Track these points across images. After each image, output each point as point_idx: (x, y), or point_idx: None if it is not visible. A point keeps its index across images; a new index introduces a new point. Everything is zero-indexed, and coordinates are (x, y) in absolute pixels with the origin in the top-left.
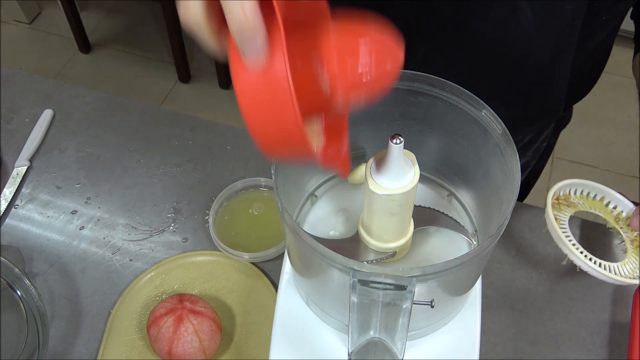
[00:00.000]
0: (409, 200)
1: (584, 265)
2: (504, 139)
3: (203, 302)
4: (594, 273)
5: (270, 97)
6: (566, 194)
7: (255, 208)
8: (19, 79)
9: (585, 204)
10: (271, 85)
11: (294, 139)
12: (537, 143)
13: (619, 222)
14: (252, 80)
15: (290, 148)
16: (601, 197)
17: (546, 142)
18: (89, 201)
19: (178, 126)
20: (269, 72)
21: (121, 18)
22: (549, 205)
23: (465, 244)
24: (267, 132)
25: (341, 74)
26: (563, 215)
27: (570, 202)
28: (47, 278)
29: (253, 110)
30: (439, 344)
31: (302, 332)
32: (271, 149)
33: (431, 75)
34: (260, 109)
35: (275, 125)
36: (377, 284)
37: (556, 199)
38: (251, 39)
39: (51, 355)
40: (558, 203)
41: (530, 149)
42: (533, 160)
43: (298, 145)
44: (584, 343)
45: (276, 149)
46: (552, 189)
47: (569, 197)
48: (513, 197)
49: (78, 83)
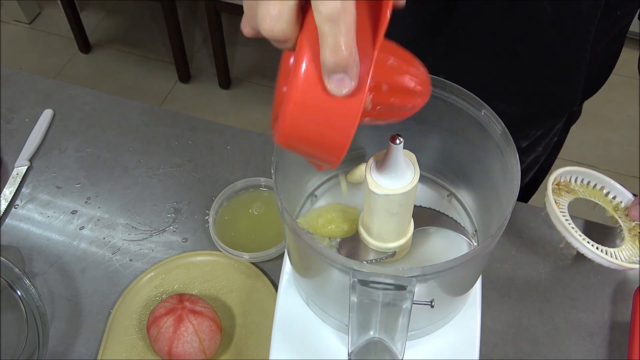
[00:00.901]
0: (409, 200)
1: (582, 248)
2: (503, 139)
3: (203, 302)
4: (591, 256)
5: (332, 113)
6: (567, 180)
7: (255, 208)
8: (19, 79)
9: (585, 192)
10: (342, 107)
11: (333, 149)
12: (547, 138)
13: (617, 211)
14: (319, 96)
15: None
16: (601, 187)
17: (556, 137)
18: (89, 201)
19: (178, 126)
20: (345, 97)
21: (121, 18)
22: (549, 188)
23: (465, 244)
24: (307, 137)
25: (383, 92)
26: (563, 200)
27: (570, 189)
28: (47, 278)
29: (304, 117)
30: (439, 344)
31: (302, 332)
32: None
33: (431, 75)
34: (314, 119)
35: (321, 134)
36: (377, 284)
37: (556, 185)
38: (345, 70)
39: (51, 355)
40: (558, 188)
41: (541, 143)
42: (542, 156)
43: (332, 154)
44: (584, 343)
45: (302, 149)
46: (553, 174)
47: (569, 184)
48: (513, 197)
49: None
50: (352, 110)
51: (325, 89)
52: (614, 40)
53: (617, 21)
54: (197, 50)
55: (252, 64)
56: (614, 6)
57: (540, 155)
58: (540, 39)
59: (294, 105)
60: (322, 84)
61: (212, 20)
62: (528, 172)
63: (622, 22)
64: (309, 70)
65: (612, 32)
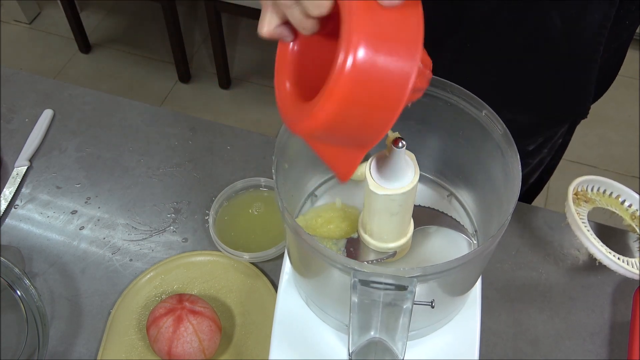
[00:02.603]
0: (409, 200)
1: (605, 259)
2: (504, 140)
3: (202, 302)
4: (614, 267)
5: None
6: (584, 189)
7: (255, 208)
8: (19, 79)
9: (602, 200)
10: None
11: (381, 122)
12: (553, 140)
13: (634, 219)
14: (373, 63)
15: (369, 127)
16: (617, 195)
17: (561, 139)
18: (89, 201)
19: (178, 126)
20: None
21: (121, 18)
22: (569, 198)
23: (466, 243)
24: (359, 107)
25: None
26: (582, 210)
27: (588, 198)
28: (47, 278)
29: (360, 85)
30: (439, 344)
31: (302, 332)
32: (340, 124)
33: (432, 76)
34: (368, 86)
35: (373, 105)
36: (377, 284)
37: (574, 194)
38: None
39: (51, 355)
40: (577, 198)
41: (546, 146)
42: (548, 157)
43: (380, 127)
44: (584, 343)
45: (348, 125)
46: (572, 184)
47: (586, 193)
48: (514, 197)
49: (78, 83)
50: (404, 78)
51: (378, 58)
52: (620, 46)
53: (625, 28)
54: (197, 50)
55: (252, 64)
56: (622, 15)
57: (545, 157)
58: (549, 52)
59: (349, 74)
60: (376, 48)
61: (212, 20)
62: (533, 173)
63: (629, 29)
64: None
65: (620, 39)
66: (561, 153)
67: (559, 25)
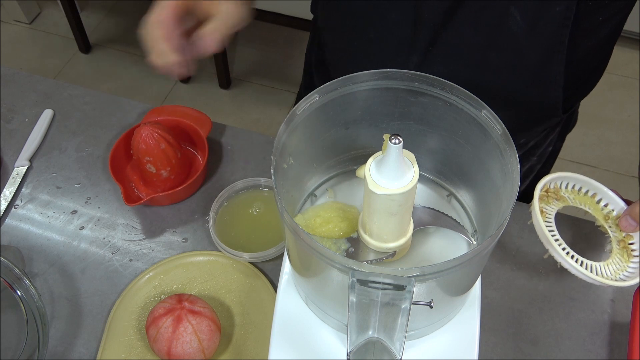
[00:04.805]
0: (409, 200)
1: (564, 263)
2: (503, 139)
3: (202, 302)
4: (573, 271)
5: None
6: (557, 186)
7: (255, 208)
8: (19, 79)
9: (576, 199)
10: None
11: None
12: (542, 147)
13: (608, 220)
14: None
15: None
16: (593, 194)
17: (551, 146)
18: (89, 201)
19: None
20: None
21: (121, 18)
22: (536, 197)
23: (465, 243)
24: None
25: None
26: (550, 209)
27: (560, 196)
28: (47, 278)
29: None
30: (438, 344)
31: (302, 332)
32: None
33: (431, 76)
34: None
35: None
36: (376, 283)
37: (545, 192)
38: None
39: (51, 355)
40: (547, 195)
41: (535, 153)
42: (538, 165)
43: None
44: (584, 343)
45: None
46: (542, 181)
47: (559, 191)
48: (513, 197)
49: (78, 83)
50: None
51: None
52: (599, 45)
53: (600, 25)
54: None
55: (252, 64)
56: (593, 9)
57: (535, 165)
58: (511, 46)
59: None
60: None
61: None
62: (524, 180)
63: (607, 25)
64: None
65: (596, 37)
66: (552, 161)
67: (518, 19)
